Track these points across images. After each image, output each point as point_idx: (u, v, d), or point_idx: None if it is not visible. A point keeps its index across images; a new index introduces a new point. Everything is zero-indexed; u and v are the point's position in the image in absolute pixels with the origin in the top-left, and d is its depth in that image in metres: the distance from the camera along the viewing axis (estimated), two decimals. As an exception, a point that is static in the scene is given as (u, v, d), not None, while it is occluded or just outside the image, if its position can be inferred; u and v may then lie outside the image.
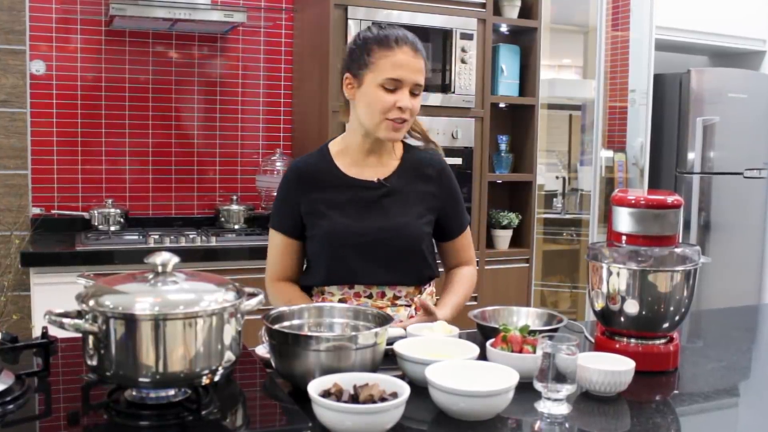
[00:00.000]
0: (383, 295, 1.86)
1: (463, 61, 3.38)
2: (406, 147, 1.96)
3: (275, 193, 1.96)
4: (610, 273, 1.58)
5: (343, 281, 1.85)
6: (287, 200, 1.90)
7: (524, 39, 3.70)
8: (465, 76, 3.39)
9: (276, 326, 1.39)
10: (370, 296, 1.86)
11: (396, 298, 1.88)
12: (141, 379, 1.11)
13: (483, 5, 3.44)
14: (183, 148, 3.47)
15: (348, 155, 1.90)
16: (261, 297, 1.26)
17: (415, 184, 1.90)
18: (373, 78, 1.77)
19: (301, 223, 1.89)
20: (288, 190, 1.90)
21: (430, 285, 1.98)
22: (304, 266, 1.97)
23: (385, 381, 1.23)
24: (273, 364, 1.38)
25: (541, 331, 1.53)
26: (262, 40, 3.56)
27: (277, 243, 1.92)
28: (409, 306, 1.88)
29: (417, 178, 1.91)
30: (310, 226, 1.87)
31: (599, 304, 1.62)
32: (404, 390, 1.19)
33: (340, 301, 1.85)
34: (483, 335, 1.67)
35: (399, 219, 1.85)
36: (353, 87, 1.82)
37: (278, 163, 3.42)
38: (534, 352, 1.42)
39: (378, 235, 1.83)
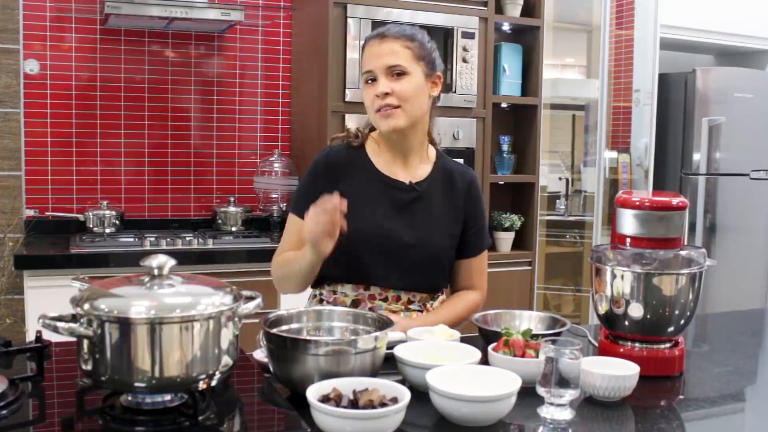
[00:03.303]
0: (398, 299, 1.86)
1: (464, 61, 3.36)
2: (439, 154, 1.97)
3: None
4: (614, 276, 1.56)
5: (361, 281, 1.84)
6: (312, 188, 1.88)
7: (527, 38, 3.68)
8: (466, 76, 3.37)
9: (274, 330, 1.38)
10: (385, 299, 1.85)
11: (410, 302, 1.87)
12: (137, 384, 1.10)
13: (485, 3, 3.42)
14: (179, 149, 3.45)
15: (381, 154, 1.91)
16: (259, 300, 1.25)
17: (444, 193, 1.91)
18: (362, 82, 1.87)
19: None
20: (315, 177, 1.90)
21: (442, 293, 1.97)
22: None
23: (385, 386, 1.22)
24: (271, 368, 1.37)
25: (543, 335, 1.52)
26: (260, 39, 3.54)
27: (294, 229, 1.90)
28: (422, 311, 1.88)
29: (447, 187, 1.92)
30: None
31: (603, 308, 1.60)
32: (405, 395, 1.18)
33: (354, 302, 1.84)
34: (485, 339, 1.65)
35: (426, 228, 1.86)
36: None
37: (276, 164, 3.39)
38: (537, 356, 1.41)
39: (403, 241, 1.83)
